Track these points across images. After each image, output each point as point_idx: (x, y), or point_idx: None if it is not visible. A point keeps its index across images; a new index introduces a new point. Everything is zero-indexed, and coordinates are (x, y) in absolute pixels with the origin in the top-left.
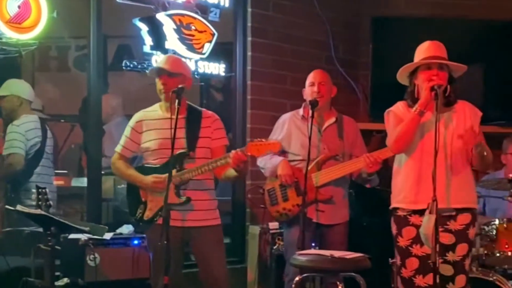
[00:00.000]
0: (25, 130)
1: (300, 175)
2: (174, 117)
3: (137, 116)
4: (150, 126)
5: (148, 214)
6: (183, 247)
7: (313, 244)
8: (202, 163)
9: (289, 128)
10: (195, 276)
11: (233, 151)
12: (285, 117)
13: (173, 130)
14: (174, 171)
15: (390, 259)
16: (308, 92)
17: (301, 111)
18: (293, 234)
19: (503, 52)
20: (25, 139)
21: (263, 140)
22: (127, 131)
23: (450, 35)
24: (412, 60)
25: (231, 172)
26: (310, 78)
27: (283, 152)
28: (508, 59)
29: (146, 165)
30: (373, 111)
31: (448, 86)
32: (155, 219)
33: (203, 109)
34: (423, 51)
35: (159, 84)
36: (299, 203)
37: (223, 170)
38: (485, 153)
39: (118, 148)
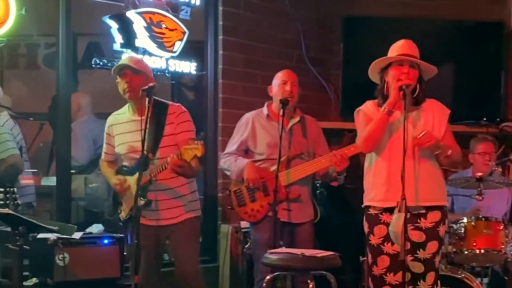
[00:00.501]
0: (9, 128)
1: (266, 175)
2: (143, 117)
3: (108, 121)
4: (119, 130)
5: (122, 215)
6: (158, 246)
7: (281, 243)
8: None
9: (253, 127)
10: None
11: (170, 156)
12: (248, 116)
13: (142, 132)
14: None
15: (361, 257)
16: (279, 91)
17: (265, 110)
18: (261, 233)
19: (472, 52)
20: (13, 137)
21: (194, 143)
22: (104, 136)
23: (420, 35)
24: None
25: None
26: (282, 77)
27: (246, 152)
28: (476, 59)
29: (122, 167)
30: (344, 110)
31: (417, 86)
32: (129, 218)
33: (170, 103)
34: (397, 48)
35: (122, 84)
36: (269, 202)
37: None
38: (449, 152)
39: (102, 155)
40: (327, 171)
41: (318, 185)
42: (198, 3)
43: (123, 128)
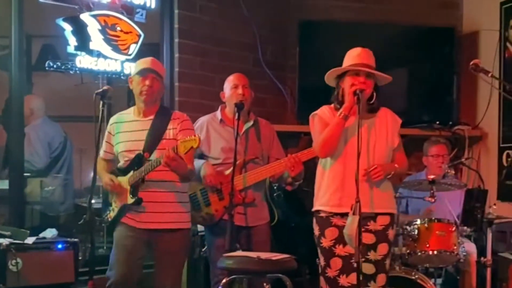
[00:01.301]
0: None
1: (222, 178)
2: (148, 118)
3: (112, 119)
4: (120, 128)
5: (111, 215)
6: (143, 248)
7: (237, 246)
8: None
9: (207, 132)
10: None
11: (166, 149)
12: (202, 120)
13: (144, 132)
14: (131, 172)
15: (317, 259)
16: (232, 95)
17: (218, 114)
18: (217, 237)
19: (425, 56)
20: None
21: (191, 136)
22: (105, 135)
23: (375, 39)
24: (338, 63)
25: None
26: (234, 81)
27: (201, 157)
28: (430, 63)
29: (117, 169)
30: (300, 113)
31: (374, 94)
32: (117, 218)
33: (175, 111)
34: (354, 57)
35: (141, 84)
36: (224, 206)
37: None
38: (398, 169)
39: (101, 153)
40: (282, 175)
41: (275, 187)
42: (153, 6)
43: (125, 127)
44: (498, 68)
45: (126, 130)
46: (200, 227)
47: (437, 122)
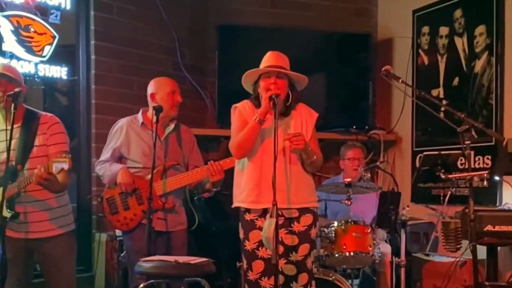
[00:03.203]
0: None
1: (141, 183)
2: (9, 127)
3: None
4: None
5: None
6: (28, 259)
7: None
8: None
9: (127, 134)
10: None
11: (37, 168)
12: (122, 122)
13: (8, 142)
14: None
15: (238, 262)
16: (168, 100)
17: (140, 117)
18: (135, 241)
19: (342, 62)
20: None
21: (62, 156)
22: None
23: (293, 45)
24: (257, 68)
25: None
26: (172, 86)
27: (120, 159)
28: (346, 69)
29: None
30: (220, 117)
31: (290, 95)
32: None
33: (43, 114)
34: (265, 60)
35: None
36: (143, 210)
37: None
38: (314, 157)
39: None
40: (201, 182)
41: (195, 192)
42: (68, 7)
43: None
44: (411, 74)
45: None
46: (118, 232)
47: (354, 127)
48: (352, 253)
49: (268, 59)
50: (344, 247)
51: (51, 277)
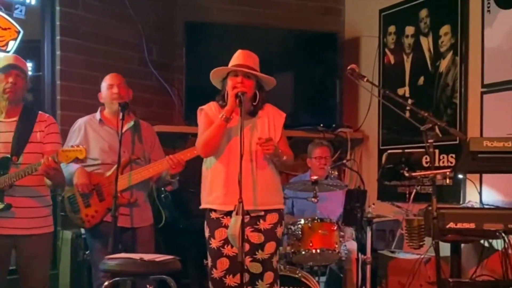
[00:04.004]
0: None
1: (101, 180)
2: (12, 120)
3: None
4: None
5: None
6: (7, 254)
7: (119, 247)
8: None
9: (86, 133)
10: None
11: (45, 157)
12: (81, 121)
13: (8, 134)
14: None
15: (205, 260)
16: (108, 95)
17: (98, 115)
18: (98, 239)
19: (310, 61)
20: None
21: (74, 146)
22: None
23: (261, 43)
24: (224, 65)
25: (46, 180)
26: (108, 80)
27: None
28: (314, 68)
29: None
30: (188, 114)
31: (258, 94)
32: None
33: (40, 112)
34: (234, 59)
35: (4, 83)
36: (107, 207)
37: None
38: (284, 158)
39: None
40: (161, 175)
41: (163, 189)
42: (33, 2)
43: None
44: (377, 73)
45: None
46: (83, 231)
47: (321, 125)
48: (318, 250)
49: (237, 58)
50: (311, 244)
51: (27, 275)
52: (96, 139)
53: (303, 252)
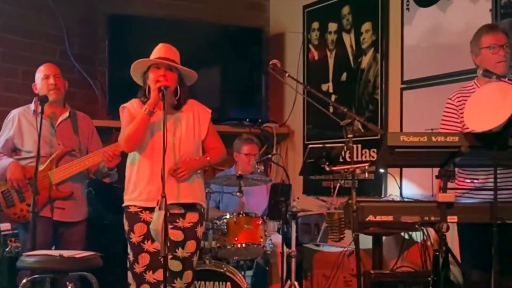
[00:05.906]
0: None
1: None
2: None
3: None
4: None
5: None
6: None
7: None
8: None
9: (19, 124)
10: None
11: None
12: (15, 112)
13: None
14: None
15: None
16: (44, 86)
17: (32, 106)
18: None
19: (236, 55)
20: None
21: None
22: None
23: (186, 36)
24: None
25: None
26: (44, 71)
27: (14, 150)
28: (240, 62)
29: None
30: (111, 108)
31: (179, 89)
32: None
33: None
34: (155, 52)
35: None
36: (43, 201)
37: None
38: (208, 162)
39: None
40: (99, 167)
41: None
42: None
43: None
44: (302, 69)
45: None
46: (3, 227)
47: (247, 120)
48: (243, 245)
49: (159, 51)
50: (236, 239)
51: None
52: (30, 130)
53: (229, 247)
